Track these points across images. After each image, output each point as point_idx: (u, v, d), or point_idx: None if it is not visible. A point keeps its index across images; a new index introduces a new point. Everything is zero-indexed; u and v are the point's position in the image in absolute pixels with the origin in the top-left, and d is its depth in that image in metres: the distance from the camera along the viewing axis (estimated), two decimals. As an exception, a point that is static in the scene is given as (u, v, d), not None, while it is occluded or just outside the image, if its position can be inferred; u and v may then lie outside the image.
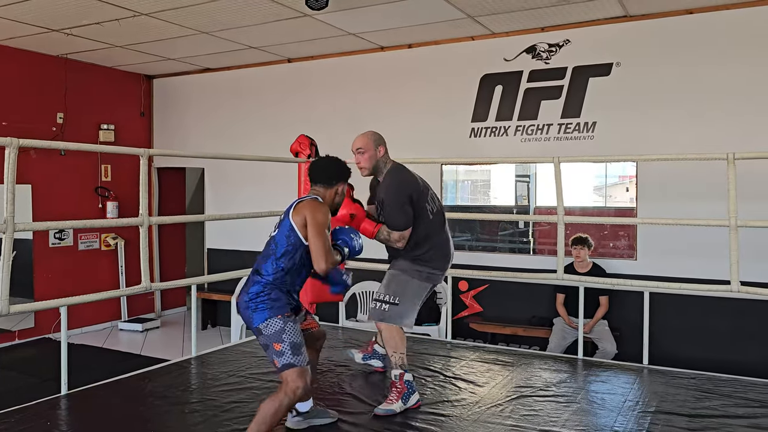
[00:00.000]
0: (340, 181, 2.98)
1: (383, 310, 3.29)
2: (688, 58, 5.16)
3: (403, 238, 3.27)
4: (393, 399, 3.17)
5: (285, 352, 2.65)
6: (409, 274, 3.33)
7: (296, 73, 7.10)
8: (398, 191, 3.29)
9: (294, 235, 2.76)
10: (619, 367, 4.09)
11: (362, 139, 3.44)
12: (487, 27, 5.71)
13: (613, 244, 5.64)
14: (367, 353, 3.86)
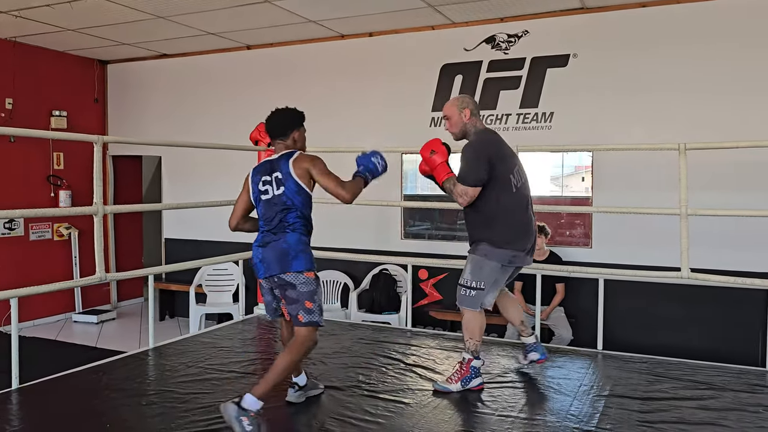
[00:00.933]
0: (294, 128, 3.06)
1: (470, 296, 3.30)
2: (642, 50, 5.28)
3: (467, 194, 3.20)
4: (453, 379, 3.30)
5: (314, 311, 2.86)
6: (492, 257, 3.27)
7: (256, 60, 7.00)
8: (478, 149, 3.25)
9: (302, 190, 2.91)
10: (574, 352, 4.19)
11: (446, 106, 3.45)
12: (447, 16, 5.73)
13: (570, 232, 5.76)
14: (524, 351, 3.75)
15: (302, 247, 2.90)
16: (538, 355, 3.63)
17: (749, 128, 4.79)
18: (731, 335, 5.02)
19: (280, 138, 3.06)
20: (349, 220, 6.21)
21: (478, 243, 3.33)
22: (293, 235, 2.90)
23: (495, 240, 3.26)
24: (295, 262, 2.85)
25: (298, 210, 2.92)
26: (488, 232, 3.27)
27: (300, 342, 2.86)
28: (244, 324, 4.83)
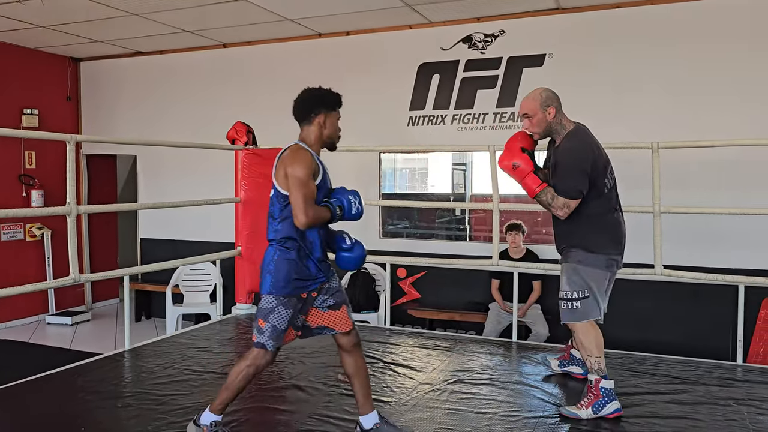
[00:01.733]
0: (319, 111, 2.69)
1: (575, 309, 2.99)
2: (616, 50, 5.36)
3: (568, 207, 2.89)
4: (583, 404, 2.94)
5: (265, 332, 2.57)
6: (587, 263, 2.99)
7: (232, 58, 6.95)
8: (580, 155, 2.90)
9: (279, 194, 2.58)
10: (551, 349, 4.24)
11: (527, 103, 3.04)
12: (425, 16, 5.75)
13: (546, 230, 5.82)
14: (564, 359, 3.59)
15: (271, 268, 2.56)
16: (581, 370, 3.46)
17: (723, 127, 4.88)
18: (703, 330, 5.11)
19: (302, 122, 2.71)
20: (327, 219, 6.19)
21: (569, 250, 3.05)
22: (268, 251, 2.62)
23: (589, 245, 2.98)
24: (263, 281, 2.60)
25: (277, 222, 2.60)
26: (580, 237, 3.00)
27: (247, 356, 2.61)
28: (222, 324, 4.80)
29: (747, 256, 4.89)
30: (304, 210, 2.47)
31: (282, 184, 2.57)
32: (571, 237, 3.03)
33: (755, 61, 4.95)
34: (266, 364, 2.63)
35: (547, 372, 3.68)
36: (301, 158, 2.56)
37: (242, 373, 2.60)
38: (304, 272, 2.60)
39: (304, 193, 2.50)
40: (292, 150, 2.61)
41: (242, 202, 4.95)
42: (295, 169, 2.52)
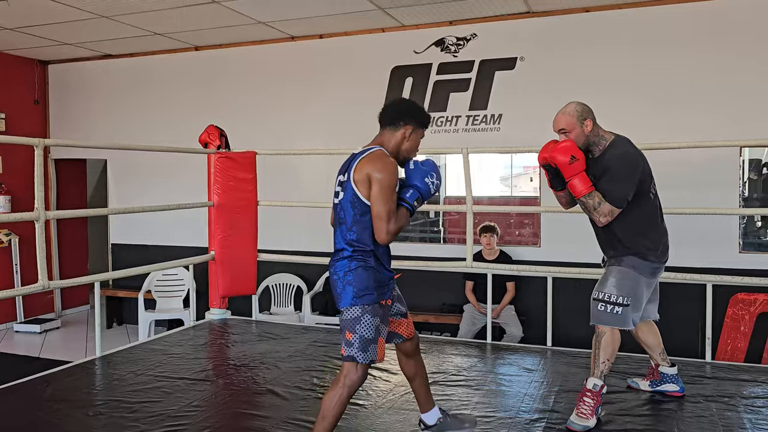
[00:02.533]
0: (409, 122, 2.54)
1: (615, 314, 2.90)
2: (586, 53, 5.44)
3: (612, 214, 2.82)
4: (588, 413, 2.86)
5: (353, 343, 2.44)
6: (639, 271, 2.92)
7: (205, 61, 6.89)
8: (632, 163, 2.85)
9: (358, 201, 2.43)
10: (525, 349, 4.28)
11: (563, 118, 2.95)
12: (397, 19, 5.77)
13: (519, 231, 5.88)
14: (655, 379, 3.35)
15: (350, 278, 2.46)
16: (677, 387, 3.27)
17: (691, 129, 4.99)
18: (673, 329, 5.17)
19: (388, 125, 2.57)
20: (301, 222, 6.19)
21: (623, 255, 2.96)
22: (341, 264, 2.49)
23: (642, 252, 2.92)
24: (343, 295, 2.48)
25: (351, 230, 2.46)
26: (635, 243, 2.92)
27: (339, 379, 2.47)
28: (196, 330, 4.75)
29: (714, 254, 5.00)
30: (387, 228, 2.40)
31: (363, 190, 2.42)
32: (627, 242, 2.94)
33: (722, 66, 5.07)
34: (360, 380, 2.48)
35: (520, 372, 3.71)
36: (390, 167, 2.42)
37: (337, 396, 2.44)
38: (382, 279, 2.52)
39: (389, 208, 2.39)
40: (378, 155, 2.46)
41: (215, 206, 4.91)
42: (383, 176, 2.39)
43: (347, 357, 2.46)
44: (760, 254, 5.50)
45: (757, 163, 5.78)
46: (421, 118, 2.59)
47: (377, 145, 2.53)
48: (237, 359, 3.95)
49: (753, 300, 4.99)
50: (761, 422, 2.91)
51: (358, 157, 2.46)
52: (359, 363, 2.45)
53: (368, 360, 2.45)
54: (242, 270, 4.95)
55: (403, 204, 2.48)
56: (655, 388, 3.31)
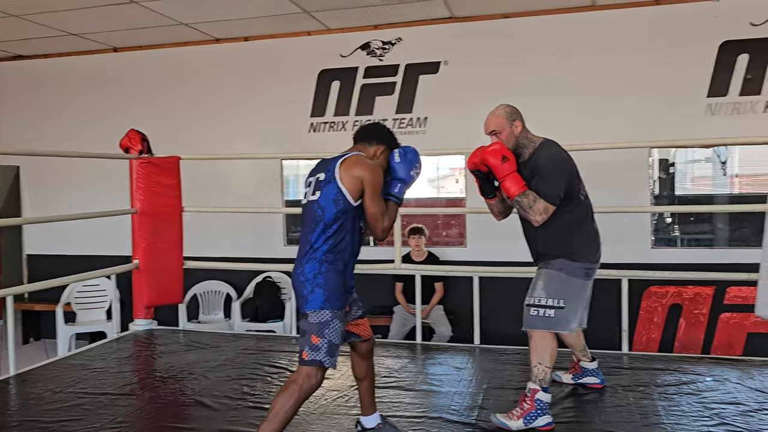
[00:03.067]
0: (381, 143, 2.64)
1: (548, 317, 2.88)
2: (506, 58, 5.62)
3: (547, 212, 2.83)
4: (515, 415, 2.86)
5: (321, 347, 2.43)
6: (568, 272, 2.93)
7: (124, 63, 6.66)
8: (561, 162, 2.91)
9: (343, 198, 2.46)
10: (454, 349, 4.37)
11: (493, 119, 2.98)
12: (323, 23, 5.77)
13: (446, 232, 6.00)
14: (577, 373, 3.46)
15: (320, 281, 2.46)
16: (597, 380, 3.41)
17: (604, 130, 5.23)
18: (594, 322, 5.43)
19: (362, 141, 2.66)
20: (228, 227, 6.09)
21: (551, 258, 2.98)
22: (311, 265, 2.48)
23: (572, 253, 2.95)
24: (311, 298, 2.46)
25: (330, 227, 2.47)
26: (563, 245, 2.95)
27: (296, 381, 2.45)
28: (119, 342, 4.59)
29: (628, 251, 5.24)
30: (383, 226, 2.50)
31: (352, 190, 2.45)
32: (554, 244, 2.97)
33: (633, 71, 5.35)
34: (318, 385, 2.48)
35: (450, 371, 3.79)
36: (378, 169, 2.53)
37: (293, 399, 2.42)
38: (348, 284, 2.57)
39: (382, 208, 2.50)
40: (363, 159, 2.53)
41: (138, 213, 4.75)
42: (375, 179, 2.47)
43: (311, 361, 2.43)
44: (670, 249, 5.84)
45: (665, 163, 6.13)
46: (392, 142, 2.69)
47: (357, 151, 2.60)
48: (163, 371, 3.84)
49: (665, 292, 5.30)
50: (673, 408, 3.10)
51: (341, 159, 2.51)
52: (321, 368, 2.45)
53: (334, 364, 2.46)
54: (168, 278, 4.82)
55: (391, 199, 2.58)
56: (576, 381, 3.44)
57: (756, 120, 5.13)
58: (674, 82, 5.30)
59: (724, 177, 7.34)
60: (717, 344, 5.22)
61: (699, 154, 7.70)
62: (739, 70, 5.19)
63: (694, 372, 3.65)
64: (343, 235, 2.49)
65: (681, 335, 5.32)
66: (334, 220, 2.47)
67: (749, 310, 4.19)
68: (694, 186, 8.18)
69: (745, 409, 3.06)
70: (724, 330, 5.23)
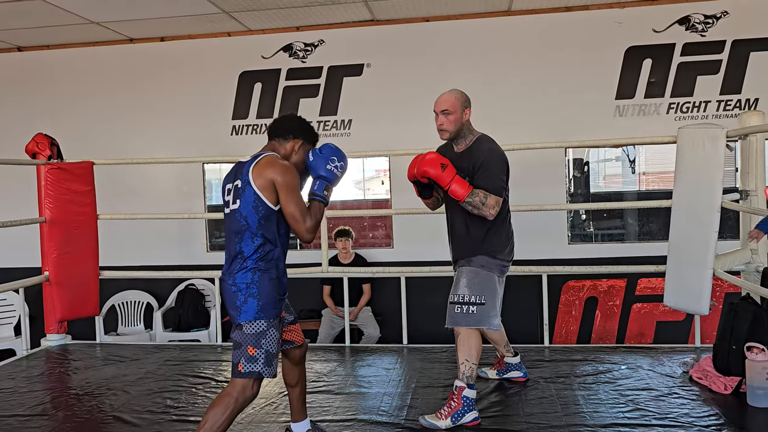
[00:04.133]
0: (297, 137, 2.54)
1: (471, 313, 2.90)
2: (427, 60, 5.70)
3: (498, 204, 2.87)
4: (443, 414, 2.88)
5: (258, 359, 2.36)
6: (489, 269, 2.96)
7: (30, 63, 6.29)
8: (502, 157, 2.97)
9: (262, 204, 2.37)
10: (382, 350, 4.40)
11: (449, 99, 2.97)
12: (243, 23, 5.67)
13: (373, 234, 6.03)
14: (501, 369, 3.53)
15: (254, 290, 2.39)
16: (520, 373, 3.51)
17: (522, 132, 5.39)
18: (517, 318, 5.60)
19: (277, 137, 2.55)
20: (149, 235, 5.87)
21: (473, 255, 3.00)
22: (243, 275, 2.40)
23: (493, 250, 2.99)
24: (245, 309, 2.39)
25: (257, 236, 2.40)
26: (487, 242, 2.99)
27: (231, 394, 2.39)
28: (30, 359, 4.33)
29: (547, 247, 5.45)
30: (306, 227, 2.39)
31: (267, 194, 2.37)
32: (477, 242, 3.00)
33: (550, 75, 5.56)
34: (253, 397, 2.42)
35: (379, 372, 3.81)
36: (290, 169, 2.41)
37: (228, 411, 2.35)
38: (282, 290, 2.50)
39: (302, 208, 2.39)
40: (275, 159, 2.43)
41: (48, 222, 4.51)
42: (288, 179, 2.37)
43: (248, 373, 2.37)
44: (585, 244, 6.11)
45: (579, 162, 6.42)
46: (310, 136, 2.60)
47: (270, 151, 2.51)
48: (79, 388, 3.65)
49: (581, 286, 5.53)
50: (592, 398, 3.24)
51: (252, 163, 2.41)
52: (257, 379, 2.39)
53: (273, 374, 2.41)
54: (82, 290, 4.60)
55: (315, 198, 2.48)
56: (501, 376, 3.53)
57: (660, 121, 5.44)
58: (586, 85, 5.55)
59: (633, 175, 7.78)
60: (630, 333, 5.50)
61: (610, 153, 8.13)
62: (643, 74, 5.50)
63: (610, 361, 3.83)
64: (273, 240, 2.43)
65: (597, 326, 5.57)
66: (259, 228, 2.40)
67: (658, 300, 4.44)
68: (606, 184, 8.64)
69: (657, 394, 3.24)
70: (636, 320, 5.52)
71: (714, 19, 5.37)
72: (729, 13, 5.33)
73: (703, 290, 3.50)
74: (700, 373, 3.40)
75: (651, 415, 2.98)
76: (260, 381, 2.43)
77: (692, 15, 5.39)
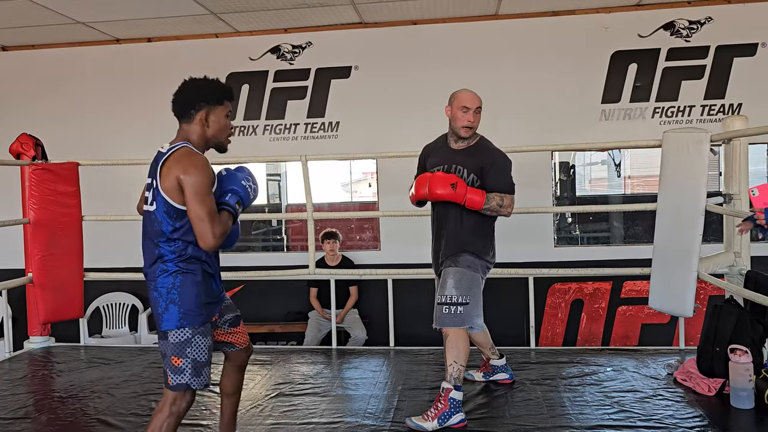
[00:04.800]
0: (201, 107, 2.27)
1: (458, 314, 2.93)
2: (415, 63, 5.71)
3: (513, 203, 3.00)
4: (430, 416, 2.89)
5: (185, 369, 2.22)
6: (474, 269, 3.01)
7: (15, 63, 6.23)
8: (508, 157, 3.10)
9: (173, 209, 2.18)
10: (369, 352, 4.39)
11: (478, 98, 3.11)
12: (231, 25, 5.65)
13: (360, 236, 6.03)
14: (487, 371, 3.55)
15: (174, 296, 2.23)
16: (506, 375, 3.53)
17: (509, 135, 5.40)
18: (503, 320, 5.62)
19: (182, 119, 2.30)
20: (132, 235, 5.80)
21: (458, 254, 3.03)
22: (164, 279, 2.24)
23: (477, 250, 3.04)
24: (165, 316, 2.24)
25: (173, 239, 2.22)
26: (472, 242, 3.04)
27: (166, 406, 2.28)
28: (12, 362, 4.28)
29: (533, 250, 5.47)
30: (212, 231, 2.13)
31: (174, 196, 2.17)
32: (464, 242, 3.04)
33: (535, 75, 5.58)
34: (189, 406, 2.30)
35: (365, 374, 3.80)
36: (198, 164, 2.17)
37: (165, 425, 2.24)
38: (211, 293, 2.32)
39: (208, 210, 2.14)
40: (183, 154, 2.20)
41: (32, 223, 4.46)
42: (194, 178, 2.13)
43: (177, 386, 2.24)
44: (571, 247, 6.15)
45: (565, 165, 6.46)
46: (211, 95, 2.29)
47: (183, 141, 2.28)
48: (63, 390, 3.62)
49: (567, 289, 5.57)
50: (578, 399, 3.26)
51: (162, 159, 2.22)
52: (195, 388, 2.27)
53: (203, 384, 2.27)
54: (66, 292, 4.55)
55: (224, 207, 2.26)
56: (488, 378, 3.54)
57: (645, 125, 5.49)
58: (572, 89, 5.59)
59: (618, 178, 7.84)
60: (615, 336, 5.54)
61: (596, 157, 8.19)
62: (629, 78, 5.55)
63: (596, 363, 3.85)
64: (193, 239, 2.21)
65: (583, 329, 5.60)
66: (174, 231, 2.22)
67: (643, 303, 4.47)
68: (592, 187, 8.70)
69: (641, 396, 3.26)
70: (622, 322, 5.56)
71: (698, 24, 5.44)
72: (713, 19, 5.40)
73: (687, 293, 3.53)
74: (684, 375, 3.43)
75: (636, 416, 3.00)
76: (194, 390, 2.30)
77: (677, 20, 5.45)
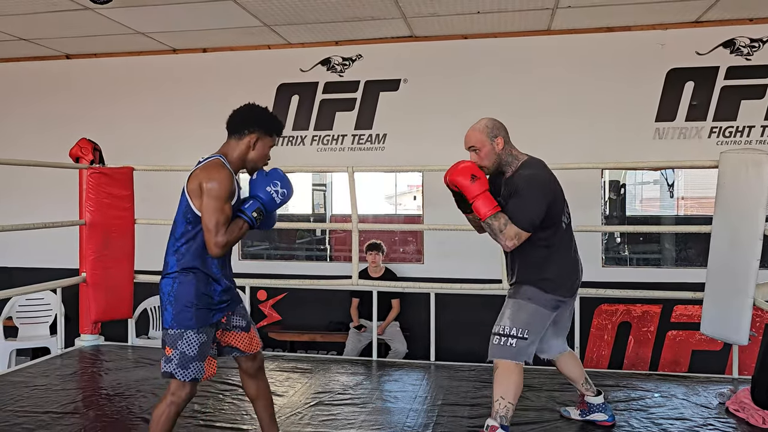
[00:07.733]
0: (254, 131, 2.43)
1: (510, 346, 2.71)
2: (465, 77, 5.70)
3: (519, 238, 2.62)
4: None
5: (172, 359, 2.36)
6: (537, 302, 2.73)
7: (77, 70, 6.49)
8: (543, 186, 2.70)
9: (191, 211, 2.33)
10: (409, 365, 4.36)
11: (473, 134, 2.82)
12: (284, 37, 5.76)
13: (403, 249, 6.02)
14: (584, 409, 3.17)
15: (171, 299, 2.37)
16: (605, 416, 3.12)
17: (558, 150, 5.33)
18: (546, 339, 5.53)
19: (232, 134, 2.47)
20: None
21: (521, 285, 2.79)
22: (166, 282, 2.40)
23: (543, 284, 2.75)
24: (165, 315, 2.41)
25: (180, 244, 2.39)
26: (536, 274, 2.76)
27: (165, 396, 2.42)
28: (64, 358, 4.42)
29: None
30: (214, 241, 2.27)
31: (195, 200, 2.32)
32: (527, 271, 2.79)
33: (587, 92, 5.51)
34: (187, 398, 2.42)
35: (405, 388, 3.78)
36: (221, 177, 2.30)
37: (165, 414, 2.39)
38: (212, 296, 2.42)
39: (218, 219, 2.27)
40: (213, 164, 2.36)
41: (87, 224, 4.61)
42: (213, 185, 2.28)
43: (164, 373, 2.40)
44: (620, 268, 5.99)
45: (616, 184, 6.32)
46: (268, 125, 2.48)
47: (220, 154, 2.44)
48: (110, 388, 3.71)
49: (615, 310, 5.42)
50: (623, 424, 3.15)
51: (197, 166, 2.40)
52: (184, 380, 2.38)
53: (189, 377, 2.38)
54: (117, 292, 4.68)
55: (240, 215, 2.37)
56: (584, 417, 3.18)
57: (701, 145, 5.33)
58: (625, 106, 5.48)
59: (671, 199, 7.62)
60: (664, 361, 5.36)
61: (648, 176, 7.99)
62: (685, 96, 5.40)
63: (643, 388, 3.73)
64: (197, 249, 2.36)
65: (630, 352, 5.44)
66: (182, 234, 2.38)
67: (695, 328, 4.32)
68: (643, 207, 8.48)
69: (690, 425, 3.14)
70: (671, 347, 5.38)
71: (760, 42, 5.27)
72: (776, 37, 5.23)
73: (742, 319, 3.40)
74: (737, 405, 3.29)
75: (684, 445, 2.89)
76: (193, 383, 2.41)
77: (737, 38, 5.29)
